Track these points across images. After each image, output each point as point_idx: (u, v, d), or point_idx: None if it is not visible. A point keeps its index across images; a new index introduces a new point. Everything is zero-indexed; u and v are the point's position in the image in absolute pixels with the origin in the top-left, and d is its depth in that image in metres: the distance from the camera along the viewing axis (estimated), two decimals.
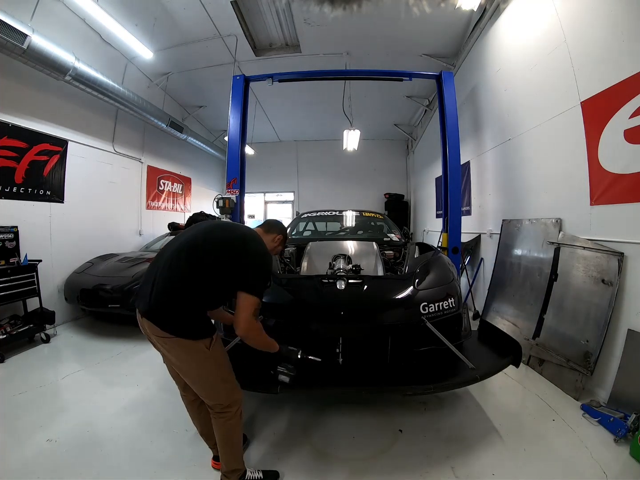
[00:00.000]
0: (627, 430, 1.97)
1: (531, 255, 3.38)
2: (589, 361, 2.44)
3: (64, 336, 3.89)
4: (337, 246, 3.17)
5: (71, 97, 4.48)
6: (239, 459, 1.63)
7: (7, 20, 3.13)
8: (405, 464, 1.87)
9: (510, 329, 3.37)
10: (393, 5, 0.62)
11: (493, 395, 2.60)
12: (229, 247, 1.51)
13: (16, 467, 1.82)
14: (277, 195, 10.65)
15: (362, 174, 9.73)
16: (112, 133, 5.45)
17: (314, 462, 1.91)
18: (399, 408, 2.41)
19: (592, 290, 2.53)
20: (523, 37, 3.58)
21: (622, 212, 2.38)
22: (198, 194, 8.58)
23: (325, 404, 2.46)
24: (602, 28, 2.53)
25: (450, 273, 2.45)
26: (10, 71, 3.68)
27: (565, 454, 1.93)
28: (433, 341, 2.05)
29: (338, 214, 4.58)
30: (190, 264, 1.44)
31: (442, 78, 4.24)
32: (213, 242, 1.52)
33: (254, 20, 4.82)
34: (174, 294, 1.41)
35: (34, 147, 4.05)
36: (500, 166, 4.20)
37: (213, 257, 1.46)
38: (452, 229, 4.01)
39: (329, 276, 2.31)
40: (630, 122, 2.27)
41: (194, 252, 1.47)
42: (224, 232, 1.59)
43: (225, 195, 4.10)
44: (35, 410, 2.37)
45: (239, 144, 4.26)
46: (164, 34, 4.88)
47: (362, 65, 5.46)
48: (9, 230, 3.55)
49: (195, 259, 1.45)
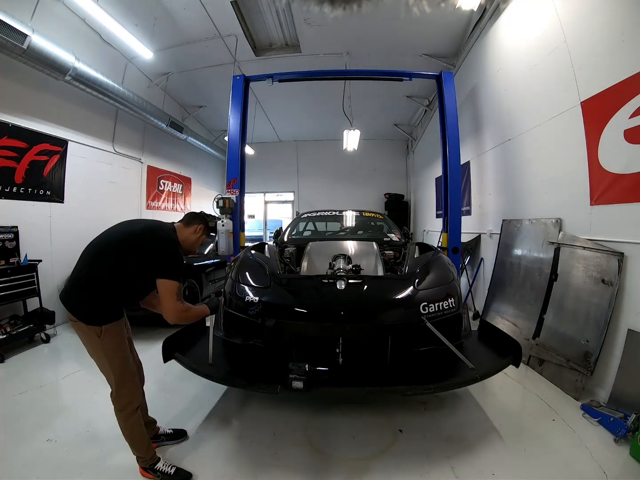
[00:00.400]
0: (627, 430, 1.97)
1: (531, 255, 3.38)
2: (589, 361, 2.44)
3: (64, 336, 3.89)
4: (337, 246, 3.17)
5: (71, 97, 4.48)
6: (140, 449, 1.76)
7: (7, 20, 3.13)
8: (405, 464, 1.87)
9: (510, 328, 3.37)
10: (393, 5, 0.62)
11: (493, 395, 2.60)
12: (131, 239, 1.65)
13: (16, 467, 1.82)
14: (277, 195, 10.65)
15: (362, 174, 9.73)
16: (112, 133, 5.46)
17: (314, 462, 1.91)
18: (399, 408, 2.41)
19: (592, 290, 2.53)
20: (523, 37, 3.58)
21: (622, 212, 2.38)
22: (198, 194, 8.58)
23: (325, 404, 2.46)
24: (602, 28, 2.53)
25: (450, 273, 2.45)
26: (10, 71, 3.68)
27: (565, 454, 1.93)
28: (433, 341, 2.04)
29: (338, 214, 4.58)
30: (94, 259, 1.64)
31: (442, 78, 4.24)
32: (117, 236, 1.68)
33: (254, 20, 4.83)
34: (78, 285, 1.62)
35: (34, 147, 4.05)
36: (500, 166, 4.20)
37: (117, 250, 1.62)
38: (452, 229, 4.01)
39: (328, 276, 2.31)
40: (630, 122, 2.27)
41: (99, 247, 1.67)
42: (130, 226, 1.74)
43: (225, 195, 4.11)
44: (35, 410, 2.37)
45: (239, 144, 4.26)
46: (164, 34, 4.88)
47: (362, 66, 5.46)
48: (9, 230, 3.55)
49: (99, 255, 1.64)
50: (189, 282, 4.38)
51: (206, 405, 2.48)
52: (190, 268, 4.51)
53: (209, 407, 2.45)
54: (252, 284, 2.35)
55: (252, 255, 2.78)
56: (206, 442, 2.06)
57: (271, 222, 10.73)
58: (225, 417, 2.36)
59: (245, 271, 2.49)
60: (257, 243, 3.44)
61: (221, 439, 2.10)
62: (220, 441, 2.08)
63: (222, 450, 2.00)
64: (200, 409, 2.43)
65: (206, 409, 2.43)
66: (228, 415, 2.39)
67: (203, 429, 2.19)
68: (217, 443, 2.06)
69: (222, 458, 1.94)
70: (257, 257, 2.73)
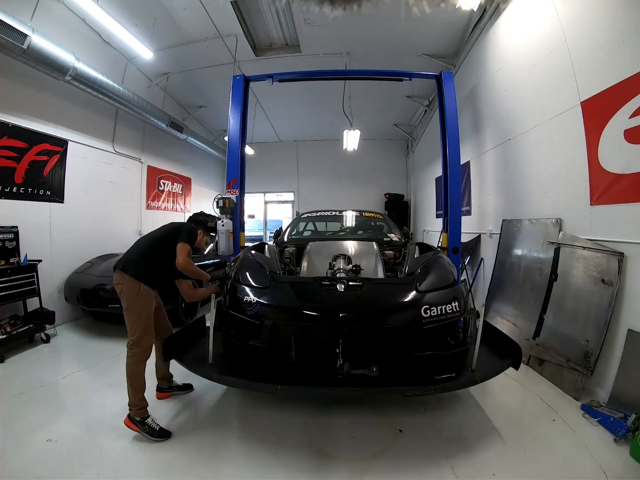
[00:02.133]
0: (627, 430, 1.97)
1: (531, 255, 3.38)
2: (589, 361, 2.44)
3: (64, 336, 3.89)
4: (337, 246, 3.17)
5: (71, 97, 4.48)
6: (136, 395, 2.11)
7: (7, 20, 3.13)
8: (405, 464, 1.87)
9: (510, 329, 3.37)
10: (393, 5, 0.62)
11: (493, 395, 2.60)
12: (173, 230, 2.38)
13: (16, 467, 1.82)
14: (277, 195, 10.64)
15: (362, 174, 9.72)
16: (112, 133, 5.45)
17: (314, 462, 1.91)
18: (399, 408, 2.41)
19: (592, 290, 2.53)
20: (523, 37, 3.58)
21: (622, 212, 2.38)
22: (198, 194, 8.58)
23: (325, 404, 2.46)
24: (602, 28, 2.53)
25: (451, 275, 2.44)
26: (10, 71, 3.68)
27: (565, 454, 1.93)
28: (434, 345, 2.04)
29: (338, 214, 4.58)
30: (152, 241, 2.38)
31: (442, 78, 4.23)
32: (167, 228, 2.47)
33: (254, 20, 4.82)
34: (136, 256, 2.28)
35: (34, 147, 4.05)
36: (500, 166, 4.20)
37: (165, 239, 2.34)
38: (452, 229, 4.01)
39: (329, 278, 2.30)
40: (630, 122, 2.27)
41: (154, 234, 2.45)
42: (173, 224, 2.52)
43: (225, 195, 4.10)
44: (35, 410, 2.37)
45: (239, 144, 4.25)
46: (164, 34, 4.87)
47: (362, 65, 5.47)
48: (9, 230, 3.55)
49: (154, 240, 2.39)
50: None
51: (206, 405, 2.48)
52: None
53: (209, 407, 2.45)
54: (252, 284, 2.35)
55: (252, 255, 2.78)
56: (206, 442, 2.06)
57: (271, 222, 10.73)
58: (225, 417, 2.36)
59: (245, 271, 2.49)
60: (257, 243, 3.44)
61: (221, 439, 2.10)
62: (220, 441, 2.08)
63: (222, 451, 2.00)
64: (200, 409, 2.43)
65: (206, 409, 2.43)
66: (228, 415, 2.39)
67: (203, 429, 2.19)
68: (217, 443, 2.06)
69: (222, 458, 1.95)
70: (257, 257, 2.73)
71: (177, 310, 4.11)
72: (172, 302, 4.04)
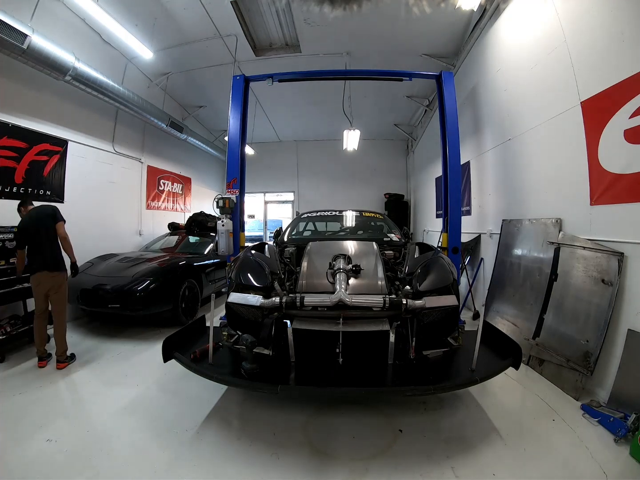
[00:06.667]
0: (627, 430, 1.97)
1: (531, 255, 3.38)
2: (589, 361, 2.44)
3: None
4: (337, 246, 3.16)
5: (71, 97, 4.48)
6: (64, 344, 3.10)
7: (7, 20, 3.13)
8: (406, 464, 1.87)
9: (510, 328, 3.37)
10: (393, 5, 0.63)
11: (493, 395, 2.59)
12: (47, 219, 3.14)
13: (16, 467, 1.82)
14: (277, 195, 10.65)
15: (362, 174, 9.73)
16: (112, 133, 5.45)
17: (314, 462, 1.91)
18: (399, 408, 2.41)
19: (592, 290, 2.53)
20: (523, 37, 3.58)
21: (622, 212, 2.38)
22: (198, 194, 8.59)
23: (325, 404, 2.46)
24: (602, 28, 2.53)
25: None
26: (10, 71, 3.68)
27: (565, 454, 1.93)
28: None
29: (338, 214, 4.57)
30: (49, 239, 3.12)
31: (442, 78, 4.23)
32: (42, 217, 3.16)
33: (253, 20, 4.83)
34: None
35: (34, 147, 4.05)
36: (500, 166, 4.20)
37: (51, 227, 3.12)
38: (452, 229, 4.01)
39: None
40: (630, 122, 2.27)
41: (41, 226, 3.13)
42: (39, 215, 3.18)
43: (225, 195, 4.10)
44: (35, 410, 2.36)
45: (239, 144, 4.25)
46: (164, 34, 4.88)
47: (362, 65, 5.47)
48: (9, 230, 3.55)
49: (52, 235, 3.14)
50: (188, 282, 4.37)
51: (206, 405, 2.47)
52: (190, 268, 4.52)
53: (209, 407, 2.44)
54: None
55: (252, 255, 2.78)
56: (206, 442, 2.06)
57: (271, 222, 10.73)
58: (225, 417, 2.36)
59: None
60: (257, 243, 3.44)
61: (221, 439, 2.10)
62: (220, 441, 2.08)
63: (222, 451, 2.00)
64: (200, 409, 2.43)
65: (206, 409, 2.43)
66: (228, 415, 2.39)
67: (203, 429, 2.19)
68: (217, 443, 2.06)
69: (222, 458, 1.94)
70: (257, 257, 2.73)
71: (177, 310, 4.11)
72: (172, 302, 4.05)
